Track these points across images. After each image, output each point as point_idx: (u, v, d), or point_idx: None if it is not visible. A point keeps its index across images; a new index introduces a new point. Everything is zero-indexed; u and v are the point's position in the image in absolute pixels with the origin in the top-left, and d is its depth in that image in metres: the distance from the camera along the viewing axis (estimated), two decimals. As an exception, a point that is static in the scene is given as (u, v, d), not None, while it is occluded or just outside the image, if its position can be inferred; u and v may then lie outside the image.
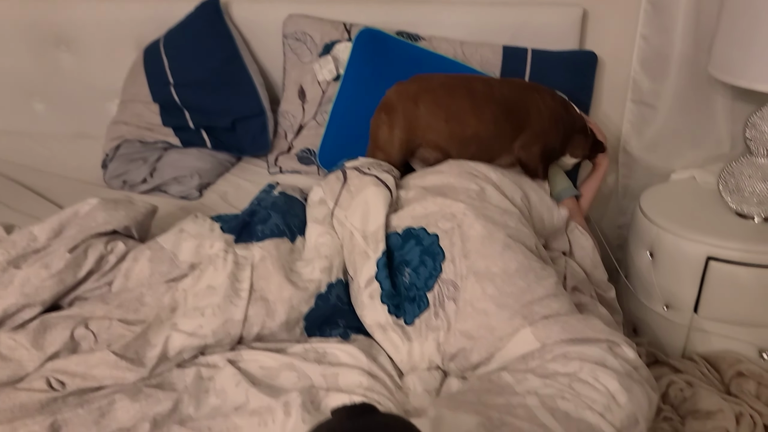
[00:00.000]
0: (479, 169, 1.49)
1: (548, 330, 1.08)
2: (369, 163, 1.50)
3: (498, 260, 1.20)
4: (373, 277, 1.25)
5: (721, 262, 1.69)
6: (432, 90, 1.56)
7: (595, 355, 1.04)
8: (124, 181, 1.92)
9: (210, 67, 1.97)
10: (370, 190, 1.36)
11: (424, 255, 1.26)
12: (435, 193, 1.38)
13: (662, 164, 2.07)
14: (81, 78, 2.25)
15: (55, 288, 1.19)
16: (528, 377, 1.01)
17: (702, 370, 1.76)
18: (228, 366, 1.11)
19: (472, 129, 1.54)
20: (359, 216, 1.33)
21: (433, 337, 1.19)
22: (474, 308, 1.16)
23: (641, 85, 1.98)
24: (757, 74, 1.56)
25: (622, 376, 1.01)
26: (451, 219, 1.29)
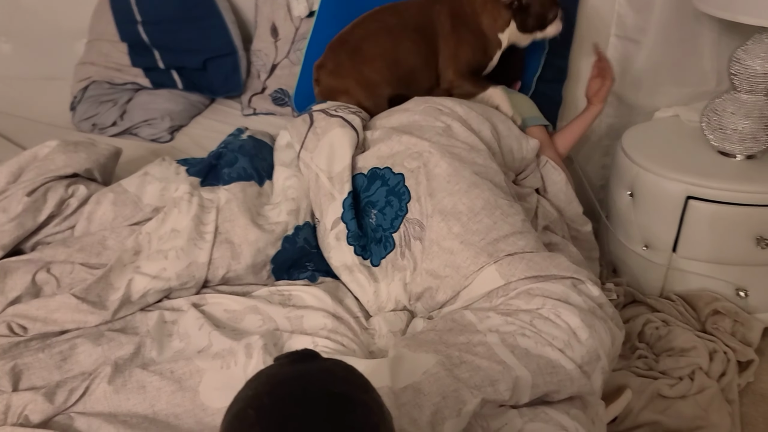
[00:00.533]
0: (445, 104, 1.46)
1: (513, 267, 1.08)
2: (336, 105, 1.47)
3: (464, 198, 1.19)
4: (339, 218, 1.24)
5: (701, 201, 1.68)
6: (359, 49, 1.60)
7: (558, 291, 1.04)
8: (93, 124, 1.87)
9: (179, 3, 1.90)
10: (336, 131, 1.33)
11: (390, 195, 1.25)
12: (401, 131, 1.35)
13: (646, 102, 2.03)
14: (46, 17, 2.17)
15: (15, 232, 1.17)
16: (490, 315, 1.01)
17: (679, 309, 1.77)
18: (192, 309, 1.10)
19: (405, 60, 1.59)
20: (325, 157, 1.31)
21: (400, 277, 1.19)
22: (440, 247, 1.16)
23: (626, 19, 1.92)
24: (743, 6, 1.51)
25: (584, 313, 1.01)
26: (417, 158, 1.27)
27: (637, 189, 1.79)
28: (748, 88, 1.65)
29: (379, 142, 1.33)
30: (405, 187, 1.24)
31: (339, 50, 1.63)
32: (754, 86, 1.64)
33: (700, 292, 1.79)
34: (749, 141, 1.69)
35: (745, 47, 1.64)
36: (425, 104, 1.46)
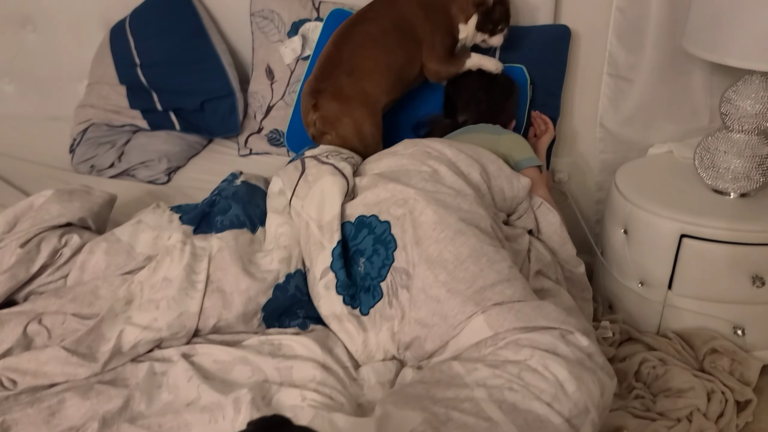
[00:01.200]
0: (434, 146, 1.47)
1: (501, 318, 1.08)
2: (329, 151, 1.49)
3: (450, 246, 1.19)
4: (328, 267, 1.24)
5: (695, 240, 1.68)
6: (356, 67, 1.65)
7: (546, 342, 1.04)
8: (92, 166, 1.89)
9: (176, 47, 1.93)
10: (327, 179, 1.34)
11: (377, 244, 1.25)
12: (387, 178, 1.36)
13: (640, 138, 2.04)
14: (49, 58, 2.21)
15: (7, 284, 1.18)
16: (478, 367, 1.01)
17: (676, 347, 1.76)
18: (181, 360, 1.10)
19: (395, 62, 1.66)
20: (315, 206, 1.32)
21: (388, 327, 1.19)
22: (427, 295, 1.16)
23: (617, 58, 1.94)
24: (730, 49, 1.52)
25: (572, 364, 1.00)
26: (403, 205, 1.28)
27: (631, 226, 1.79)
28: (739, 127, 1.66)
29: (366, 190, 1.34)
30: (391, 235, 1.25)
31: (335, 73, 1.64)
32: (746, 126, 1.65)
33: (698, 330, 1.78)
34: (742, 180, 1.70)
35: (735, 88, 1.66)
36: (414, 147, 1.48)
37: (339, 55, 1.65)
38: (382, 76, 1.64)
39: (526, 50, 1.85)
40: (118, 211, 1.53)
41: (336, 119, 1.62)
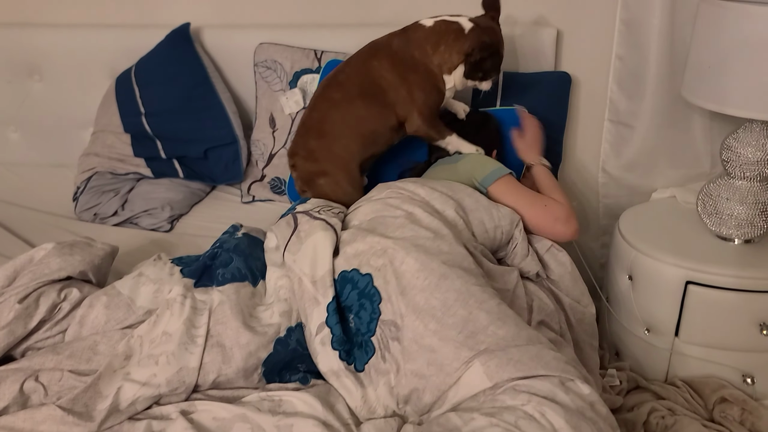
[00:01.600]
0: (407, 187, 1.49)
1: (501, 369, 1.06)
2: (320, 206, 1.50)
3: (436, 292, 1.18)
4: (323, 322, 1.23)
5: (701, 287, 1.66)
6: (322, 131, 1.66)
7: (544, 389, 1.02)
8: (95, 214, 1.89)
9: (181, 95, 1.95)
10: (319, 234, 1.35)
11: (362, 298, 1.25)
12: (365, 230, 1.36)
13: (642, 183, 2.05)
14: (55, 107, 2.23)
15: (5, 340, 1.16)
16: (474, 417, 0.99)
17: (685, 396, 1.73)
18: (180, 418, 1.08)
19: (365, 126, 1.65)
20: (309, 261, 1.32)
21: (384, 381, 1.17)
22: (419, 345, 1.15)
23: (618, 104, 1.96)
24: (729, 98, 1.53)
25: (570, 413, 0.98)
26: (382, 255, 1.27)
27: (636, 272, 1.78)
28: (741, 174, 1.66)
29: (346, 244, 1.34)
30: (374, 287, 1.24)
31: (306, 136, 1.69)
32: (748, 173, 1.65)
33: (707, 378, 1.75)
34: (746, 226, 1.69)
35: (735, 135, 1.66)
36: (387, 189, 1.50)
37: (309, 119, 1.69)
38: (350, 139, 1.65)
39: (527, 96, 1.86)
40: (119, 260, 1.53)
41: (311, 180, 1.67)
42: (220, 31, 2.07)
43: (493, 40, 1.64)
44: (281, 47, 1.98)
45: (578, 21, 1.92)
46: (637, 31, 1.83)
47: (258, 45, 1.99)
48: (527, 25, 1.93)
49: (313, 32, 2.01)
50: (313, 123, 1.68)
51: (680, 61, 1.80)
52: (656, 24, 1.78)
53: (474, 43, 1.61)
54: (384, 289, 1.23)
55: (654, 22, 1.78)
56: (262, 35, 2.01)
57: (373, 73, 1.64)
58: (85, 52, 2.13)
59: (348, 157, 1.66)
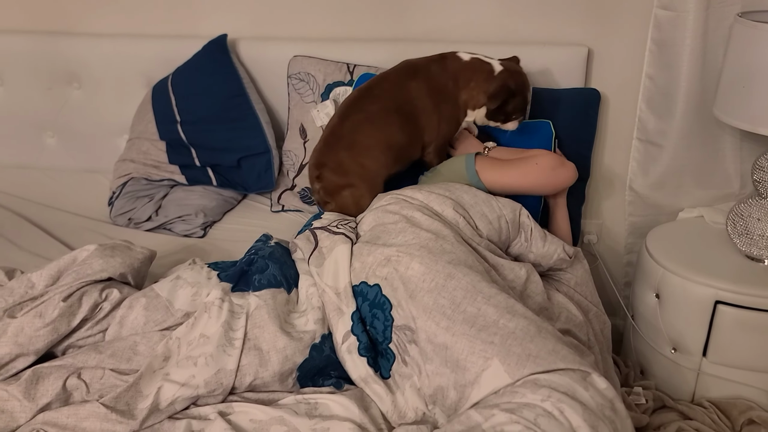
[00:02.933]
0: (404, 193, 1.52)
1: (521, 366, 1.08)
2: (337, 220, 1.54)
3: (443, 292, 1.21)
4: (349, 331, 1.26)
5: (730, 306, 1.66)
6: (354, 142, 1.66)
7: (564, 384, 1.04)
8: (129, 219, 1.93)
9: (216, 105, 1.99)
10: (340, 248, 1.39)
11: (374, 308, 1.28)
12: (370, 243, 1.39)
13: (669, 202, 2.05)
14: (92, 114, 2.28)
15: (49, 337, 1.19)
16: (495, 413, 1.01)
17: (712, 417, 1.72)
18: (219, 419, 1.10)
19: (396, 142, 1.66)
20: (331, 275, 1.35)
21: (410, 384, 1.20)
22: (434, 344, 1.17)
23: (647, 123, 1.97)
24: (761, 118, 1.54)
25: (588, 412, 1.00)
26: (386, 264, 1.30)
27: (664, 291, 1.78)
28: (773, 195, 1.66)
29: (353, 259, 1.38)
30: (384, 296, 1.27)
31: (336, 147, 1.68)
32: (779, 193, 1.65)
33: (734, 399, 1.74)
34: (777, 247, 1.69)
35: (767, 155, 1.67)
36: (386, 197, 1.54)
37: (341, 129, 1.68)
38: (381, 153, 1.66)
39: (556, 112, 1.88)
40: (154, 264, 1.55)
41: (335, 191, 1.67)
42: (255, 43, 2.11)
43: (517, 84, 1.67)
44: (314, 60, 2.01)
45: (609, 40, 1.94)
46: (668, 51, 1.84)
47: (292, 57, 2.03)
48: (559, 43, 1.95)
49: (346, 46, 2.04)
50: (344, 133, 1.68)
51: (711, 81, 1.80)
52: (688, 44, 1.79)
53: (499, 86, 1.65)
54: (393, 296, 1.26)
55: (686, 43, 1.79)
56: (296, 48, 2.05)
57: (411, 93, 1.66)
58: (123, 61, 2.18)
59: (376, 171, 1.67)
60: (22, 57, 2.25)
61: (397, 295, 1.25)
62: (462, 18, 2.00)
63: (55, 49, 2.22)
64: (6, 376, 1.17)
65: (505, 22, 1.98)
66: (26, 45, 2.24)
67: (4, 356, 1.16)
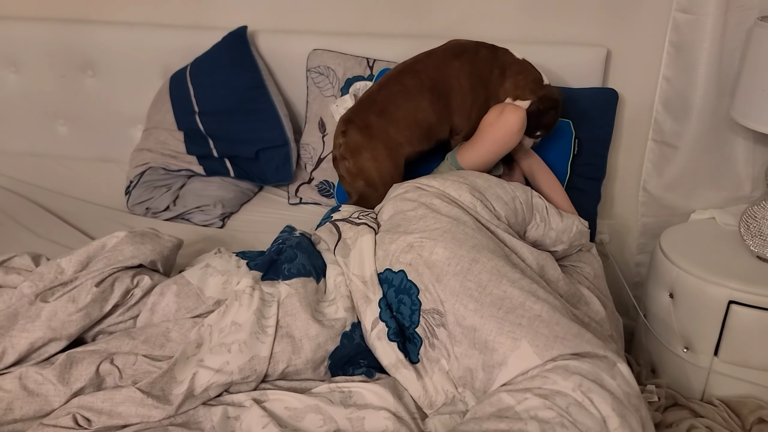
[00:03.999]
0: (421, 181, 1.54)
1: (549, 347, 1.10)
2: (358, 212, 1.55)
3: (469, 275, 1.23)
4: (377, 317, 1.28)
5: (744, 307, 1.68)
6: (385, 110, 1.67)
7: (592, 373, 1.06)
8: (147, 208, 1.93)
9: (235, 96, 1.99)
10: (365, 238, 1.40)
11: (400, 294, 1.29)
12: (388, 230, 1.42)
13: (682, 204, 2.07)
14: (105, 103, 2.28)
15: (82, 322, 1.19)
16: (528, 396, 1.03)
17: (722, 415, 1.74)
18: (255, 406, 1.10)
19: (424, 119, 1.66)
20: (357, 264, 1.37)
21: (438, 368, 1.21)
22: (462, 327, 1.19)
23: (663, 125, 1.99)
24: (783, 121, 1.56)
25: (616, 401, 1.02)
26: (409, 250, 1.32)
27: (678, 291, 1.79)
28: (788, 197, 1.69)
29: (376, 248, 1.39)
30: (410, 281, 1.29)
31: (369, 110, 1.69)
32: (794, 196, 1.67)
33: (744, 398, 1.76)
34: (790, 249, 1.71)
35: (784, 158, 1.69)
36: (404, 185, 1.56)
37: (377, 94, 1.70)
38: (408, 127, 1.67)
39: (575, 110, 1.90)
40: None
41: (357, 150, 1.68)
42: (274, 36, 2.11)
43: (561, 102, 1.72)
44: (334, 54, 2.02)
45: (628, 42, 1.96)
46: (686, 54, 1.87)
47: (311, 51, 2.03)
48: (578, 44, 1.97)
49: (366, 40, 2.05)
50: (379, 99, 1.68)
51: (726, 84, 1.83)
52: (706, 47, 1.81)
53: (549, 92, 1.69)
54: (419, 281, 1.28)
55: (704, 46, 1.81)
56: (315, 41, 2.05)
57: (450, 72, 1.68)
58: (140, 50, 2.17)
59: (399, 143, 1.67)
60: (38, 44, 2.24)
61: (423, 280, 1.27)
62: (483, 15, 2.01)
63: (70, 36, 2.22)
64: (38, 360, 1.17)
65: (525, 20, 1.99)
66: (42, 32, 2.23)
67: (37, 340, 1.16)
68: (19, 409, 1.09)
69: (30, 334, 1.16)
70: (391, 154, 1.67)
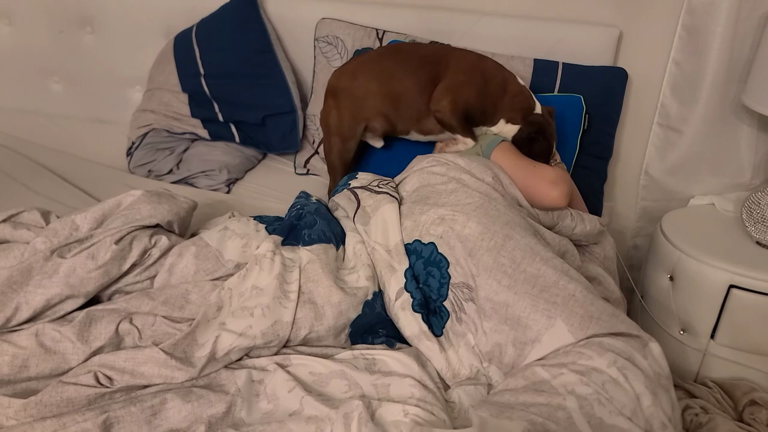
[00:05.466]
0: (447, 158, 1.50)
1: (584, 326, 1.10)
2: (377, 180, 1.53)
3: (503, 251, 1.22)
4: (402, 288, 1.26)
5: (744, 291, 1.71)
6: (367, 59, 1.65)
7: (626, 351, 1.06)
8: (149, 171, 1.88)
9: (243, 60, 1.95)
10: (387, 207, 1.38)
11: (429, 266, 1.28)
12: (416, 201, 1.40)
13: (682, 189, 2.09)
14: (103, 61, 2.21)
15: (100, 279, 1.16)
16: (564, 372, 1.03)
17: (716, 396, 1.78)
18: (279, 370, 1.09)
19: (399, 84, 1.60)
20: (380, 233, 1.35)
21: (464, 343, 1.20)
22: (494, 302, 1.18)
23: (669, 109, 2.00)
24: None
25: (649, 380, 1.03)
26: (440, 223, 1.30)
27: (678, 274, 1.82)
28: (792, 184, 1.71)
29: (403, 218, 1.37)
30: (440, 254, 1.27)
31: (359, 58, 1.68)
32: (799, 183, 1.70)
33: (738, 380, 1.80)
34: (792, 235, 1.74)
35: (791, 145, 1.72)
36: (427, 159, 1.51)
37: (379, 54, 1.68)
38: (378, 95, 1.62)
39: (584, 88, 1.89)
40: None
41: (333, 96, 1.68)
42: (283, 1, 2.06)
43: (550, 132, 1.64)
44: (343, 24, 1.98)
45: (640, 23, 1.95)
46: (698, 38, 1.87)
47: (320, 20, 1.99)
48: (590, 23, 1.96)
49: (376, 10, 2.01)
50: (375, 57, 1.66)
51: (737, 70, 1.84)
52: (719, 32, 1.81)
53: (537, 121, 1.61)
54: (450, 254, 1.26)
55: (717, 30, 1.81)
56: (324, 9, 2.01)
57: (451, 52, 1.64)
58: (142, 8, 2.11)
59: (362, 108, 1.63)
60: (33, -4, 2.16)
61: (455, 253, 1.25)
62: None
63: (69, -11, 2.14)
64: (54, 317, 1.13)
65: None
66: (38, -17, 2.15)
67: (54, 297, 1.12)
68: (35, 367, 1.06)
69: (47, 290, 1.12)
70: (352, 105, 1.63)
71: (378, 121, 1.66)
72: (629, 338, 1.09)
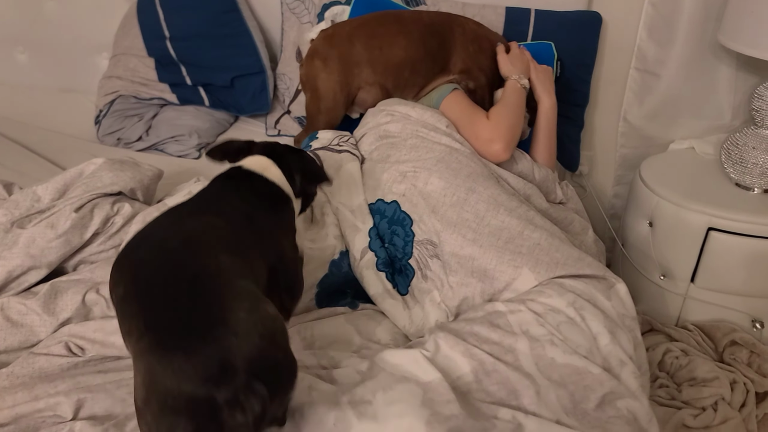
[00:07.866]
0: (399, 110, 1.46)
1: (549, 272, 1.11)
2: (337, 138, 1.49)
3: (465, 206, 1.22)
4: (366, 246, 1.26)
5: (722, 233, 1.71)
6: (365, 24, 1.58)
7: (587, 292, 1.07)
8: (118, 139, 1.85)
9: (208, 20, 1.90)
10: (348, 166, 1.37)
11: (393, 225, 1.27)
12: (377, 159, 1.38)
13: (661, 134, 2.07)
14: (67, 28, 2.15)
15: (62, 249, 1.14)
16: (521, 309, 1.04)
17: (696, 339, 1.79)
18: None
19: (403, 51, 1.55)
20: (344, 192, 1.34)
21: (429, 299, 1.20)
22: (459, 257, 1.18)
23: (646, 52, 1.96)
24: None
25: (608, 319, 1.05)
26: (402, 180, 1.29)
27: (657, 219, 1.81)
28: (770, 124, 1.69)
29: (365, 177, 1.36)
30: (403, 212, 1.27)
31: (349, 23, 1.62)
32: (777, 122, 1.68)
33: (718, 322, 1.82)
34: (769, 175, 1.73)
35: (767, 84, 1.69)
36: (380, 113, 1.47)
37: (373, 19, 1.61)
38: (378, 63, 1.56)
39: (557, 33, 1.85)
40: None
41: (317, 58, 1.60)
42: (247, -44, 2.00)
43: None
44: (311, -22, 1.92)
45: (614, -35, 1.91)
46: (673, -22, 1.83)
47: (287, -26, 1.93)
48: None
49: (344, -37, 1.95)
50: (367, 21, 1.60)
51: (714, 9, 1.81)
52: (694, -30, 1.77)
53: None
54: (413, 212, 1.26)
55: (692, -30, 1.77)
56: (291, -38, 1.95)
57: (453, 20, 1.61)
58: (103, -30, 2.04)
59: (358, 63, 1.55)
60: (-11, -38, 2.09)
61: (418, 211, 1.25)
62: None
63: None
64: (18, 290, 1.12)
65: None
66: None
67: (16, 268, 1.11)
68: (3, 341, 1.05)
69: (7, 261, 1.11)
70: (344, 71, 1.56)
71: (370, 92, 1.59)
72: (593, 280, 1.10)
